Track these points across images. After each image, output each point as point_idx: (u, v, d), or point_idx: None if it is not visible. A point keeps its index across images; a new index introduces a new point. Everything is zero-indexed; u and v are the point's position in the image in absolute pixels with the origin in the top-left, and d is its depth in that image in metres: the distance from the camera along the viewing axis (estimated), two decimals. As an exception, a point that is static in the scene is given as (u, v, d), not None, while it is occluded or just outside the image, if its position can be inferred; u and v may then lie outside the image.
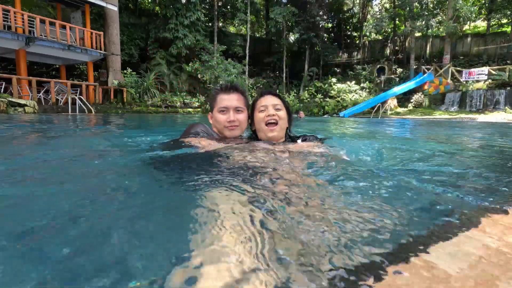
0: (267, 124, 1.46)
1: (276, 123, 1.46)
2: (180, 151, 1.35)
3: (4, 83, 9.77)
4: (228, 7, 21.34)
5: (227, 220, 0.61)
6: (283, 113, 1.50)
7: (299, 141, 1.60)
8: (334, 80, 19.84)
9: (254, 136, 1.59)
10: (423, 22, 17.71)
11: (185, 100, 14.66)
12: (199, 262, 0.46)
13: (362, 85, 19.34)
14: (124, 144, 2.24)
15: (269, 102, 1.50)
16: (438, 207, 0.75)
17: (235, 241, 0.52)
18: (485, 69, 14.91)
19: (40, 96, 10.41)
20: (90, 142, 2.53)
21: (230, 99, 1.52)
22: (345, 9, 24.33)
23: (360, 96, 18.13)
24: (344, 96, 18.34)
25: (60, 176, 1.14)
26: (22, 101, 8.38)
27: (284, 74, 20.76)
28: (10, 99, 8.13)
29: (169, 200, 0.83)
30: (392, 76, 19.37)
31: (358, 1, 24.51)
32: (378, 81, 19.40)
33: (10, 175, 1.11)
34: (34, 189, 0.93)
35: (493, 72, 14.56)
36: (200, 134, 1.54)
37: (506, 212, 0.67)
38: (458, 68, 16.11)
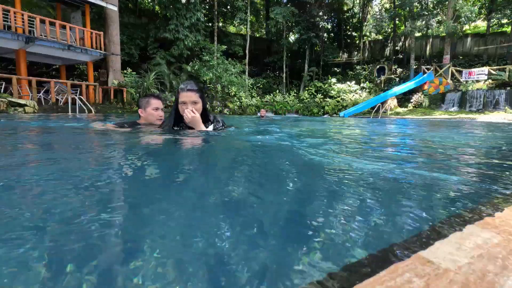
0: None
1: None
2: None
3: (4, 83, 9.78)
4: (228, 7, 21.34)
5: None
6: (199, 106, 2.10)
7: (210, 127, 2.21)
8: (334, 80, 19.82)
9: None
10: (423, 22, 17.71)
11: (185, 100, 14.64)
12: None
13: (362, 85, 19.33)
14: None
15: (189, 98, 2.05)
16: (437, 203, 0.75)
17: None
18: (485, 69, 14.90)
19: (40, 96, 10.41)
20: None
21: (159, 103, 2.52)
22: (345, 9, 24.32)
23: (360, 96, 18.12)
24: (344, 96, 18.32)
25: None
26: (22, 101, 8.38)
27: (284, 74, 20.75)
28: (10, 99, 8.13)
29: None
30: (392, 76, 19.37)
31: (358, 1, 24.52)
32: (378, 81, 19.39)
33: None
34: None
35: (493, 72, 14.55)
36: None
37: (505, 208, 0.66)
38: (458, 68, 16.10)
